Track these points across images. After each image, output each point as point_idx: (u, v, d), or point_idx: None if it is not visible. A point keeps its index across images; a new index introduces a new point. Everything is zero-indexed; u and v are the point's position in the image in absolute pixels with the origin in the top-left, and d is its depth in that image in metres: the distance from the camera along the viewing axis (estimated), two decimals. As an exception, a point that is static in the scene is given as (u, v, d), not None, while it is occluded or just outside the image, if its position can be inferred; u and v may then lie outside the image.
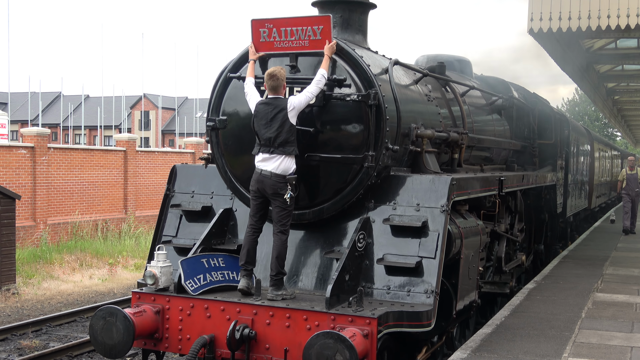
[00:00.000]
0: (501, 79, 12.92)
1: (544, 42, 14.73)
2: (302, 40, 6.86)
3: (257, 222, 6.88)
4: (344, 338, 5.60)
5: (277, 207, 6.70)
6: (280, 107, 6.67)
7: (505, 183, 9.02)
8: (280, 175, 6.64)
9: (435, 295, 6.50)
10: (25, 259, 17.59)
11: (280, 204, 6.66)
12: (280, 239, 6.70)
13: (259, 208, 6.86)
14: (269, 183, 6.66)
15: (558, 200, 14.13)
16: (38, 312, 13.57)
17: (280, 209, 6.69)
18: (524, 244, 12.25)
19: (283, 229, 6.71)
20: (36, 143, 20.21)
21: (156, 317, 6.68)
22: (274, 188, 6.65)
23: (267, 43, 7.02)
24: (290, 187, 6.65)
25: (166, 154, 26.76)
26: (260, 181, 6.73)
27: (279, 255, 6.67)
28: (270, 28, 6.97)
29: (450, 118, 9.01)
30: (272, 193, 6.67)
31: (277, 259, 6.66)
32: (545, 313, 8.96)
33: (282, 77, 6.74)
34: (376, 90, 6.90)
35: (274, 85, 6.72)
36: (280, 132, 6.64)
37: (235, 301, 6.52)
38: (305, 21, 6.80)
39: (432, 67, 9.30)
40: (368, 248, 6.86)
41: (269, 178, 6.66)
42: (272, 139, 6.66)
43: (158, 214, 8.14)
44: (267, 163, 6.68)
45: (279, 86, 6.73)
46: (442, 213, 6.79)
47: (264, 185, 6.70)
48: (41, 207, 20.29)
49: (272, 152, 6.66)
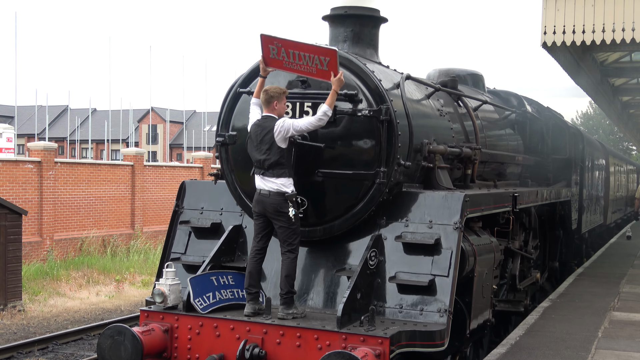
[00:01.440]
0: (514, 92, 12.92)
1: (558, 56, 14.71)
2: (310, 67, 6.81)
3: (259, 242, 6.88)
4: (355, 358, 5.58)
5: (280, 227, 6.70)
6: (268, 128, 6.68)
7: (519, 199, 9.00)
8: (279, 193, 6.64)
9: (449, 314, 6.47)
10: (32, 275, 17.63)
11: (283, 223, 6.65)
12: (288, 257, 6.69)
13: (262, 228, 6.86)
14: (269, 202, 6.67)
15: (573, 216, 14.07)
16: (44, 330, 13.58)
17: (284, 228, 6.68)
18: (539, 261, 12.19)
19: (290, 248, 6.69)
20: (43, 157, 20.30)
21: (165, 335, 6.67)
22: (274, 207, 6.65)
23: (277, 60, 6.98)
24: (291, 204, 6.64)
25: (174, 169, 26.82)
26: (260, 201, 6.76)
27: (288, 274, 6.65)
28: (279, 47, 6.94)
29: (463, 133, 9.00)
30: (273, 212, 6.68)
31: (287, 278, 6.64)
32: (560, 332, 8.91)
33: (273, 92, 6.74)
34: (388, 105, 6.91)
35: (265, 99, 6.77)
36: (268, 154, 6.67)
37: (245, 320, 6.51)
38: (312, 49, 6.74)
39: (445, 82, 9.30)
40: (380, 266, 6.84)
41: (268, 197, 6.67)
42: (262, 161, 6.71)
43: (167, 229, 8.15)
44: (264, 183, 6.71)
45: (269, 102, 6.74)
46: (455, 230, 6.77)
47: (264, 205, 6.72)
48: (48, 222, 20.36)
49: (264, 175, 6.71)
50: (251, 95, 7.21)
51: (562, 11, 12.16)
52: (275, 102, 6.75)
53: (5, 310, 14.32)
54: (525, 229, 10.72)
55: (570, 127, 14.88)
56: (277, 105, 6.76)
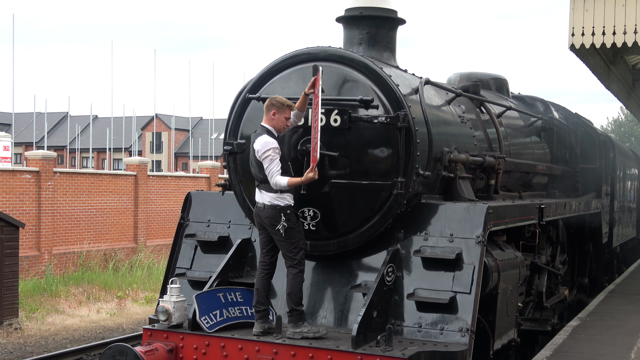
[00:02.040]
0: (540, 98, 12.90)
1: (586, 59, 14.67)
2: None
3: (265, 256, 6.92)
4: (371, 380, 5.56)
5: (278, 241, 6.74)
6: (254, 139, 6.77)
7: (545, 211, 8.97)
8: (273, 205, 6.67)
9: (471, 333, 6.45)
10: (29, 292, 17.69)
11: (279, 236, 6.70)
12: (290, 273, 6.70)
13: (266, 242, 6.90)
14: (264, 215, 6.74)
15: (603, 229, 14.01)
16: (42, 349, 13.62)
17: (282, 242, 6.72)
18: (567, 277, 12.13)
19: (292, 263, 6.70)
20: (41, 167, 20.40)
21: (169, 356, 6.69)
22: (269, 220, 6.70)
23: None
24: (284, 217, 6.64)
25: (179, 179, 26.91)
26: (256, 215, 6.85)
27: (290, 292, 6.66)
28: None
29: (486, 141, 8.99)
30: (269, 225, 6.73)
31: (289, 296, 6.66)
32: (590, 353, 8.85)
33: (276, 100, 6.76)
34: (406, 111, 6.91)
35: (266, 105, 6.84)
36: (256, 168, 6.76)
37: (254, 339, 6.52)
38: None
39: (466, 87, 9.30)
40: (397, 282, 6.83)
41: (263, 210, 6.74)
42: (255, 174, 6.82)
43: (171, 243, 8.17)
44: (260, 196, 6.79)
45: (268, 109, 6.78)
46: (477, 244, 6.76)
47: (261, 219, 6.79)
48: (46, 235, 20.45)
49: (258, 187, 6.81)
50: (262, 101, 7.24)
51: (590, 12, 12.14)
52: (274, 111, 6.75)
53: (1, 328, 14.37)
54: (553, 242, 10.68)
55: (600, 134, 14.82)
56: (276, 115, 6.75)
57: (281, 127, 6.80)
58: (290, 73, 7.36)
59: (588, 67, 15.63)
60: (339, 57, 7.22)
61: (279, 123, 6.77)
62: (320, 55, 7.25)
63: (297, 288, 6.68)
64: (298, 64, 7.35)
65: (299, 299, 6.66)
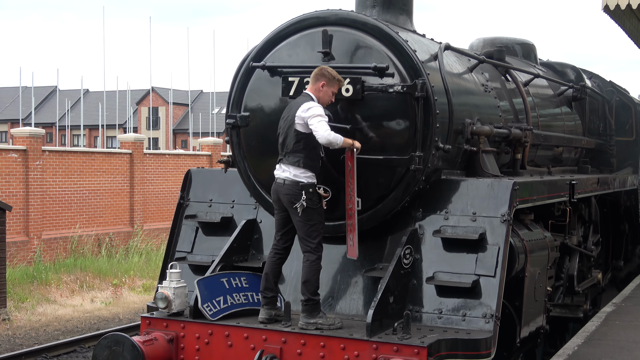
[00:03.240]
0: (571, 65, 12.84)
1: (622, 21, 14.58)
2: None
3: (279, 241, 6.91)
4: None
5: (296, 221, 6.72)
6: (296, 106, 6.71)
7: (577, 187, 8.97)
8: (294, 181, 6.65)
9: (496, 320, 6.48)
10: (17, 280, 17.79)
11: (296, 216, 6.68)
12: (307, 259, 6.67)
13: (282, 224, 6.88)
14: (283, 192, 6.71)
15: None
16: (32, 341, 13.73)
17: (300, 224, 6.69)
18: (600, 259, 12.14)
19: (309, 247, 6.67)
20: (29, 145, 20.46)
21: (169, 345, 6.74)
22: (288, 197, 6.67)
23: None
24: (305, 195, 6.63)
25: (178, 157, 26.96)
26: (275, 190, 6.82)
27: (307, 280, 6.63)
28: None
29: (512, 112, 8.98)
30: (288, 204, 6.70)
31: (305, 284, 6.62)
32: (626, 341, 8.88)
33: (327, 72, 6.71)
34: (424, 79, 6.90)
35: (315, 74, 6.78)
36: (285, 137, 6.74)
37: (260, 327, 6.56)
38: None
39: (490, 53, 9.28)
40: (416, 265, 6.86)
41: (282, 186, 6.71)
42: (281, 144, 6.79)
43: (170, 226, 8.21)
44: (280, 170, 6.76)
45: (317, 79, 6.74)
46: (502, 223, 6.77)
47: (278, 195, 6.77)
48: (35, 219, 20.54)
49: (282, 161, 6.77)
50: (266, 70, 7.24)
51: (626, -31, 12.04)
52: (324, 83, 6.74)
53: (-12, 320, 14.50)
54: (585, 222, 10.69)
55: (638, 104, 14.76)
56: (324, 87, 6.74)
57: (326, 101, 6.78)
58: (298, 39, 7.36)
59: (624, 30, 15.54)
60: (350, 21, 7.21)
61: (325, 97, 6.76)
62: (331, 19, 7.24)
63: (315, 276, 6.65)
64: (306, 29, 7.34)
65: (315, 288, 6.64)
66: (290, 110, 6.76)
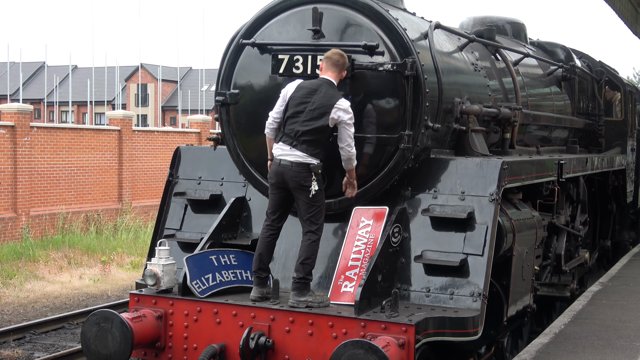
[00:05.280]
0: (561, 44, 12.85)
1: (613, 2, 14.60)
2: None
3: (275, 220, 6.86)
4: (376, 348, 5.63)
5: (303, 202, 6.66)
6: (327, 97, 6.60)
7: (565, 167, 9.00)
8: (303, 164, 6.59)
9: (483, 298, 6.51)
10: (5, 256, 17.79)
11: (304, 198, 6.64)
12: (309, 239, 6.65)
13: (279, 204, 6.83)
14: (290, 174, 6.61)
15: (628, 188, 14.05)
16: (20, 318, 13.74)
17: (307, 205, 6.64)
18: (588, 239, 12.20)
19: (312, 228, 6.65)
20: (17, 122, 20.36)
21: (158, 323, 6.75)
22: (297, 180, 6.60)
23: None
24: (315, 178, 6.61)
25: (167, 134, 26.89)
26: (280, 173, 6.68)
27: (307, 258, 6.60)
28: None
29: (501, 91, 8.98)
30: (295, 186, 6.63)
31: (304, 264, 6.59)
32: (612, 320, 8.94)
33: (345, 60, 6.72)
34: (414, 58, 6.90)
35: (335, 61, 6.69)
36: (305, 120, 6.61)
37: (249, 305, 6.57)
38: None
39: (480, 32, 9.26)
40: (404, 244, 6.88)
41: (290, 169, 6.62)
42: (291, 124, 6.67)
43: (159, 203, 8.20)
44: (287, 154, 6.65)
45: (342, 67, 6.72)
46: (491, 202, 6.79)
47: (284, 178, 6.66)
48: (23, 196, 20.49)
49: (294, 147, 6.63)
50: (256, 47, 7.22)
51: (617, -52, 12.04)
52: (345, 73, 6.75)
53: (-24, 296, 14.50)
54: (573, 202, 10.73)
55: (627, 84, 14.80)
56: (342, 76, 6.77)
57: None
58: (288, 16, 7.33)
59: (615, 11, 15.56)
60: (340, -2, 7.17)
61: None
62: (321, -4, 7.20)
63: (313, 255, 6.64)
64: (296, 6, 7.31)
65: (311, 269, 6.63)
66: (314, 96, 6.62)
